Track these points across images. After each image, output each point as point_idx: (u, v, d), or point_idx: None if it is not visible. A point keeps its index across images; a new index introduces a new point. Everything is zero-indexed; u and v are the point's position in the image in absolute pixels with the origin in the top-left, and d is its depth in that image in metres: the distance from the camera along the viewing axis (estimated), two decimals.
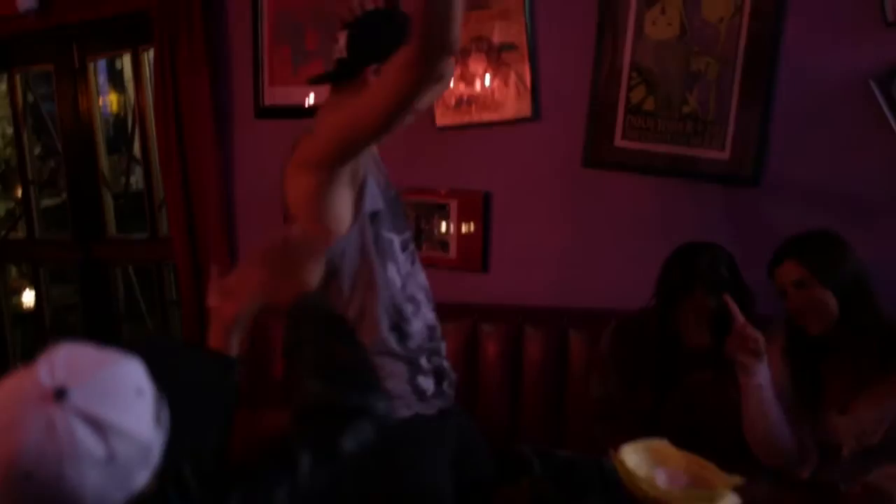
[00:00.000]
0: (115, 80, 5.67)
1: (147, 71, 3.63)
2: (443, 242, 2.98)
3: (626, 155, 2.71)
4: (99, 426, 1.05)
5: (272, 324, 3.04)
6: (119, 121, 5.72)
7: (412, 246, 2.03)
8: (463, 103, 2.91)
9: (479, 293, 2.92)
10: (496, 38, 2.83)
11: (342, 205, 1.84)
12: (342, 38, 1.90)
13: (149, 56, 3.56)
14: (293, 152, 1.89)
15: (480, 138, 2.90)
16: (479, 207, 2.92)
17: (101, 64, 5.09)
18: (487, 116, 2.88)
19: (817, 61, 2.44)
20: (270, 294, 1.49)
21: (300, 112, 3.03)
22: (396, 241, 1.94)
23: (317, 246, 1.54)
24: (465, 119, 2.92)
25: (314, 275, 1.50)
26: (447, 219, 2.98)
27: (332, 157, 1.78)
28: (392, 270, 1.92)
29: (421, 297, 1.99)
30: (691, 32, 2.58)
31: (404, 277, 1.95)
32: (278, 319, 2.95)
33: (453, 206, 2.96)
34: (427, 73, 1.58)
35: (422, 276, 2.03)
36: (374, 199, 1.89)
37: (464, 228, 2.95)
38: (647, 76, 2.65)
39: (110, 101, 5.68)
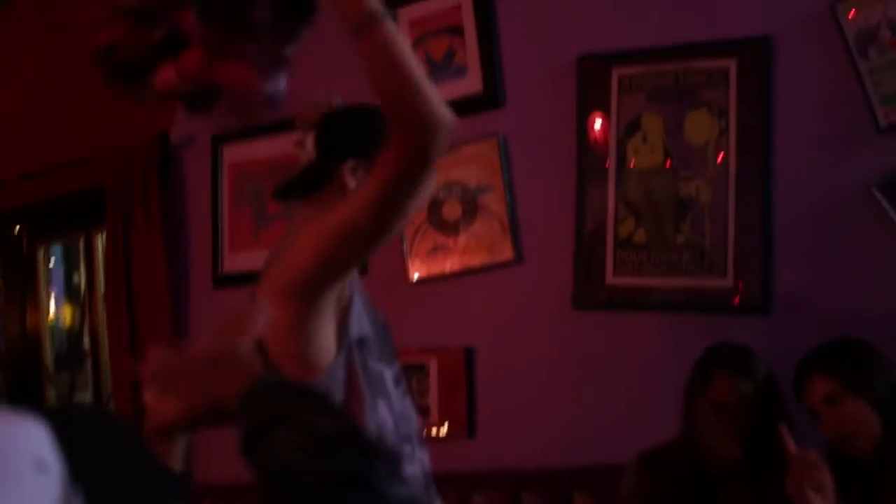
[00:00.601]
0: (71, 293, 5.45)
1: (99, 255, 3.41)
2: (422, 407, 2.65)
3: (620, 293, 2.48)
4: None
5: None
6: (73, 336, 5.43)
7: (404, 380, 1.71)
8: (439, 253, 2.71)
9: (468, 461, 2.56)
10: (471, 182, 2.68)
11: (326, 335, 1.51)
12: (309, 140, 1.69)
13: (102, 239, 3.37)
14: (262, 281, 1.61)
15: (459, 288, 2.67)
16: (462, 364, 2.63)
17: (57, 277, 4.90)
18: (466, 264, 2.67)
19: (814, 174, 2.30)
20: (209, 399, 1.16)
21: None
22: (388, 374, 1.62)
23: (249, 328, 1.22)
24: (442, 269, 2.70)
25: (255, 363, 1.16)
26: (426, 380, 2.67)
27: (317, 279, 1.47)
28: (383, 409, 1.59)
29: (415, 437, 1.66)
30: (677, 158, 2.45)
31: (397, 416, 1.61)
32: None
33: (432, 365, 2.67)
34: (417, 160, 1.34)
35: (412, 413, 1.69)
36: (362, 323, 1.59)
37: (446, 389, 2.64)
38: (634, 207, 2.48)
39: (63, 315, 5.42)
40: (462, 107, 2.68)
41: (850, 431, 1.78)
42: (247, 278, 2.87)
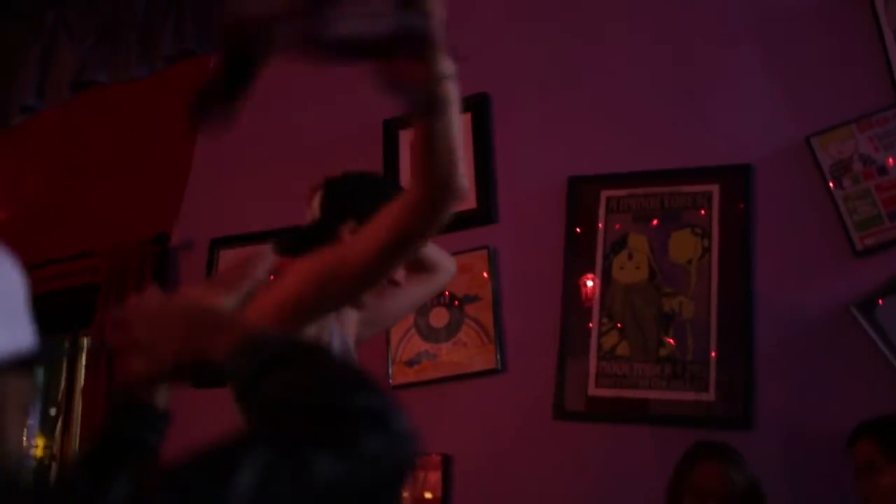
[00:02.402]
0: (46, 424, 5.33)
1: (83, 357, 3.40)
2: None
3: (602, 404, 2.47)
4: None
5: None
6: (42, 468, 5.27)
7: None
8: (423, 358, 2.71)
9: None
10: (459, 291, 2.73)
11: None
12: (315, 200, 1.79)
13: (88, 341, 3.37)
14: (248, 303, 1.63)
15: (440, 395, 2.65)
16: (438, 473, 2.57)
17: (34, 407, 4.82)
18: (449, 371, 2.67)
19: (794, 295, 2.36)
20: (191, 350, 1.14)
21: None
22: None
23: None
24: (424, 376, 2.70)
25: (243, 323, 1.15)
26: None
27: (303, 304, 1.49)
28: None
29: None
30: (661, 275, 2.51)
31: None
32: None
33: None
34: (430, 215, 1.38)
35: None
36: None
37: (420, 497, 2.57)
38: (618, 321, 2.52)
39: (36, 445, 5.28)
40: (456, 222, 2.81)
41: (881, 501, 1.77)
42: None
